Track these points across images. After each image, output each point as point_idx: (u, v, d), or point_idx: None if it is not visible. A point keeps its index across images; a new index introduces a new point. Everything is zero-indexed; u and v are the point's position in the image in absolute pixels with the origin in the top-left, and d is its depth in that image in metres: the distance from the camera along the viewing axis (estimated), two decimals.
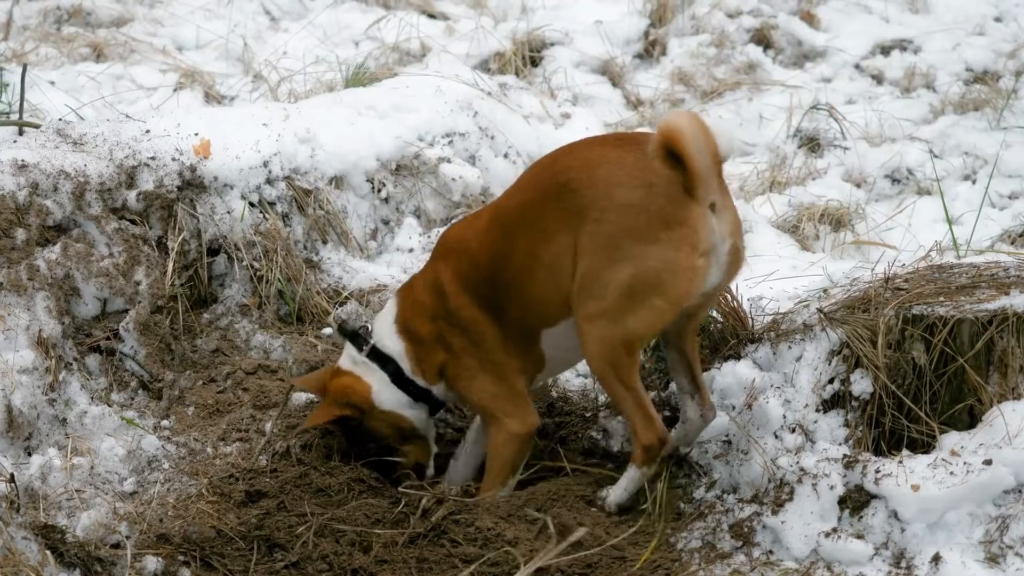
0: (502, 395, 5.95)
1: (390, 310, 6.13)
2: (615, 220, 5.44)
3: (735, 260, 5.59)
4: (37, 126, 7.31)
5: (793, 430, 5.84)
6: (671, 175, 5.38)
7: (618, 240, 5.43)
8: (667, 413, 6.20)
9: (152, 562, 5.59)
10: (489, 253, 5.82)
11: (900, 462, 5.54)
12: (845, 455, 5.67)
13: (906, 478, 5.45)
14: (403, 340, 6.06)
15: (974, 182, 8.86)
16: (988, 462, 5.41)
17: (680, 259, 5.39)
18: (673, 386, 6.15)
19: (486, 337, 5.90)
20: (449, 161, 8.02)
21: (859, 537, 5.47)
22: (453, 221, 6.50)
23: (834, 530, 5.49)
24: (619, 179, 5.46)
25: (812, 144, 9.53)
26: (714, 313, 6.29)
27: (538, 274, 5.67)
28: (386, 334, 6.10)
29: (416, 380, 6.08)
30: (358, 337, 6.16)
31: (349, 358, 6.19)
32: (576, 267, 5.54)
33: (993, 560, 5.30)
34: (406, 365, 6.08)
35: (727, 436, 5.99)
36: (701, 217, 5.40)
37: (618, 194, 5.44)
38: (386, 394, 6.11)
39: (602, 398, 6.56)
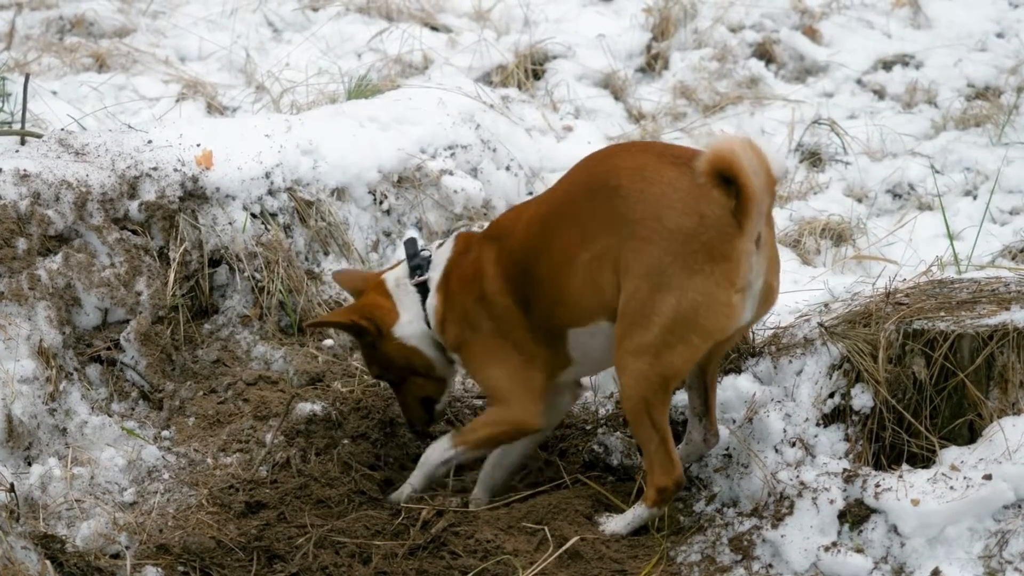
0: (518, 386, 5.92)
1: (446, 255, 6.12)
2: (662, 244, 5.39)
3: (768, 297, 5.58)
4: (39, 136, 7.32)
5: (793, 444, 5.85)
6: (723, 206, 5.34)
7: (663, 266, 5.39)
8: None
9: (152, 572, 5.59)
10: (527, 243, 5.79)
11: (900, 476, 5.54)
12: (845, 469, 5.67)
13: (906, 492, 5.45)
14: (439, 296, 6.07)
15: (975, 198, 8.86)
16: (988, 477, 5.41)
17: (718, 294, 5.37)
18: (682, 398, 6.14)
19: (515, 327, 5.87)
20: (451, 173, 8.02)
21: (859, 551, 5.47)
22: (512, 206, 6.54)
23: (834, 544, 5.49)
24: (672, 202, 5.40)
25: (814, 159, 9.53)
26: None
27: (574, 272, 5.63)
28: (435, 277, 6.10)
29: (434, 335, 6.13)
30: (418, 265, 6.16)
31: (395, 278, 6.21)
32: (620, 283, 5.50)
33: (992, 575, 5.29)
34: (432, 319, 6.08)
35: (727, 449, 5.99)
36: (745, 253, 5.36)
37: (669, 218, 5.39)
38: (413, 327, 6.13)
39: (602, 411, 6.56)
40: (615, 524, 5.80)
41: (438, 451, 6.05)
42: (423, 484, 6.08)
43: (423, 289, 6.12)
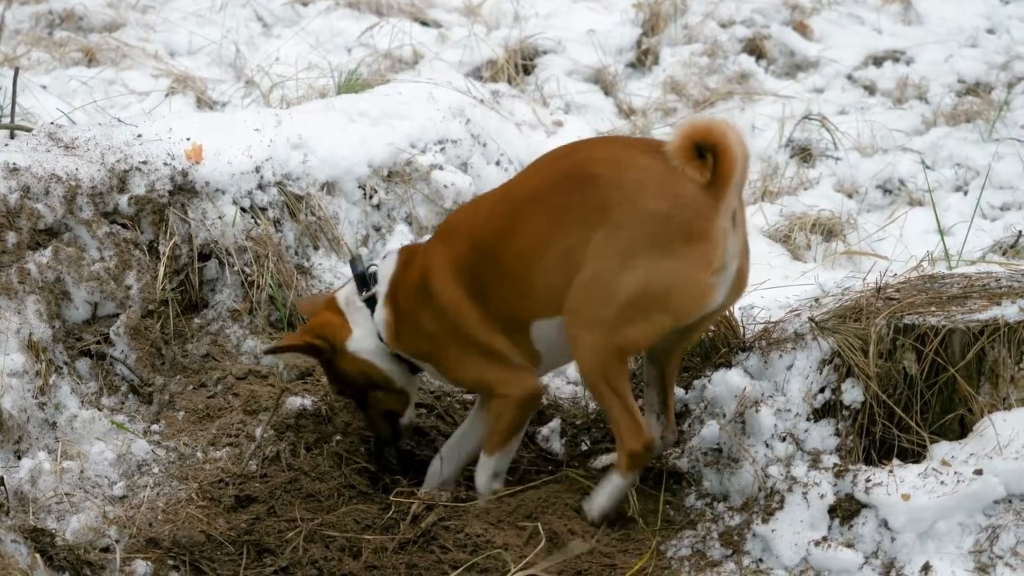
0: (493, 367, 5.87)
1: (390, 267, 6.09)
2: (637, 226, 5.39)
3: (739, 283, 5.58)
4: (29, 130, 7.30)
5: (784, 439, 5.84)
6: (699, 186, 5.34)
7: (636, 247, 5.38)
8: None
9: (141, 566, 5.58)
10: (492, 232, 5.74)
11: (891, 471, 5.54)
12: (836, 464, 5.67)
13: (896, 487, 5.45)
14: (387, 308, 6.04)
15: (966, 193, 8.87)
16: (979, 472, 5.41)
17: (694, 275, 5.37)
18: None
19: (468, 320, 5.81)
20: (441, 168, 8.02)
21: (849, 546, 5.47)
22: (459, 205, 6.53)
23: (824, 539, 5.49)
24: (647, 185, 5.40)
25: (804, 154, 9.54)
26: None
27: (546, 260, 5.59)
28: (382, 291, 6.07)
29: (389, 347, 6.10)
30: (364, 280, 6.13)
31: (345, 296, 6.18)
32: (585, 265, 5.49)
33: (983, 570, 5.30)
34: (384, 333, 6.05)
35: (718, 444, 5.99)
36: (722, 232, 5.36)
37: (645, 201, 5.39)
38: (366, 342, 6.10)
39: (592, 406, 6.56)
40: (596, 501, 5.77)
41: (484, 472, 5.99)
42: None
43: (372, 303, 6.10)
